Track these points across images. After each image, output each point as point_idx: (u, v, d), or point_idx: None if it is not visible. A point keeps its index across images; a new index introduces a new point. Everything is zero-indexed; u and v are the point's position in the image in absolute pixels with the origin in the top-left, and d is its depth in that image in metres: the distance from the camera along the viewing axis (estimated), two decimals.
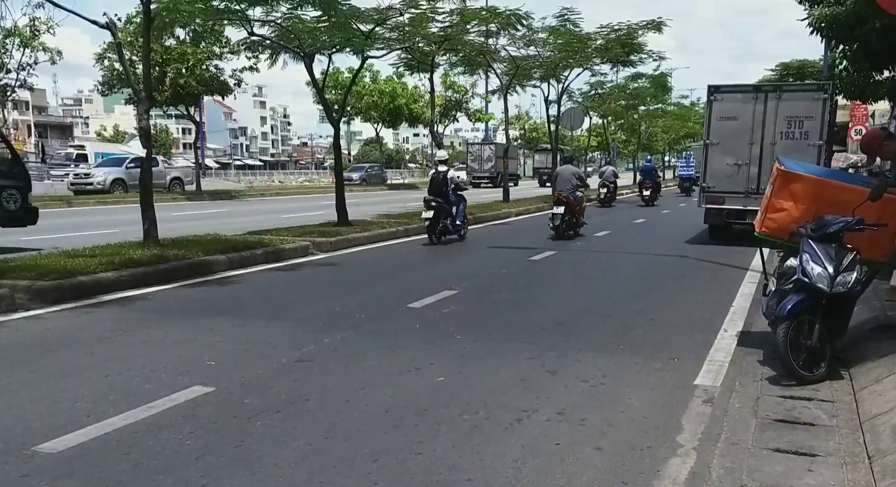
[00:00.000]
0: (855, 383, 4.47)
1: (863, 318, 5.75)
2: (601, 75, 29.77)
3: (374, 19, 14.69)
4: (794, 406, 4.16)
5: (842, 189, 5.15)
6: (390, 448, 3.62)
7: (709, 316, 6.79)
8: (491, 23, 17.77)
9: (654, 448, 3.66)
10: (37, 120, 72.04)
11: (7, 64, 22.13)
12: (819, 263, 4.60)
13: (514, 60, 21.70)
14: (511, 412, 4.16)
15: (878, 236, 4.87)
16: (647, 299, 7.77)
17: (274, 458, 3.50)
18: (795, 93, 12.90)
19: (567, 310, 7.14)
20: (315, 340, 5.78)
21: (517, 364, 5.15)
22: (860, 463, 3.35)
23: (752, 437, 3.69)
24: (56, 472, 3.31)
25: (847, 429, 3.79)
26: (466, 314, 6.87)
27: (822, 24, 11.34)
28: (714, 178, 12.96)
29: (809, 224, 4.87)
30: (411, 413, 4.12)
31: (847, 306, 4.86)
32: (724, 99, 12.87)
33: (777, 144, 12.28)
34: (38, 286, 7.09)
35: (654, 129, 49.04)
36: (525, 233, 15.02)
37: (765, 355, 5.24)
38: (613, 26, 21.98)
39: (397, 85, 42.41)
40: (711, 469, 3.34)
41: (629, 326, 6.41)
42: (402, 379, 4.80)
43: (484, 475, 3.34)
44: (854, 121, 23.05)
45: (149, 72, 10.70)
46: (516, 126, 62.83)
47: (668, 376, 4.92)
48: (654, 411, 4.22)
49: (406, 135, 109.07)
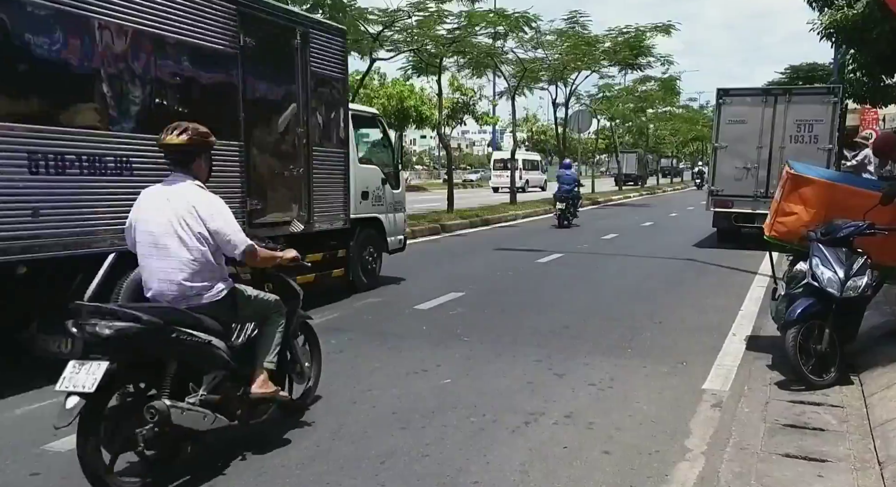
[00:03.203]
0: (865, 388, 4.43)
1: (873, 323, 5.70)
2: (609, 78, 29.77)
3: (382, 22, 14.74)
4: (804, 411, 4.14)
5: (852, 193, 5.11)
6: (397, 450, 3.62)
7: (717, 320, 6.76)
8: (499, 25, 17.78)
9: (662, 453, 3.64)
10: None
11: None
12: (829, 267, 4.57)
13: (522, 63, 21.70)
14: (518, 414, 4.15)
15: (889, 240, 4.83)
16: (655, 302, 7.74)
17: (281, 459, 3.50)
18: (805, 96, 12.83)
19: (575, 313, 7.12)
20: (322, 341, 5.77)
21: (524, 367, 5.14)
22: (871, 469, 3.33)
23: (762, 442, 3.67)
24: (66, 470, 3.32)
25: (857, 435, 3.76)
26: (473, 316, 6.87)
27: (830, 31, 11.30)
28: (723, 181, 12.90)
29: (819, 228, 4.84)
30: (418, 415, 4.12)
31: (857, 310, 4.83)
32: (734, 102, 12.81)
33: (786, 147, 12.21)
34: None
35: (663, 132, 48.92)
36: (532, 235, 15.00)
37: (774, 359, 5.21)
38: (622, 29, 21.99)
39: (405, 87, 42.48)
40: (720, 474, 3.33)
41: (637, 329, 6.38)
42: (409, 381, 4.80)
43: (491, 478, 3.33)
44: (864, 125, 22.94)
45: None
46: (524, 129, 62.80)
47: (676, 380, 4.90)
48: (662, 415, 4.20)
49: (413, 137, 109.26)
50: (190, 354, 3.23)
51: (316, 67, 6.92)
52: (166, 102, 5.28)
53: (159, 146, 3.47)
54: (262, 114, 6.31)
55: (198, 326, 3.26)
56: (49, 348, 4.38)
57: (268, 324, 3.66)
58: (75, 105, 4.66)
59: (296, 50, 6.67)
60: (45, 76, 4.41)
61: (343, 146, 7.49)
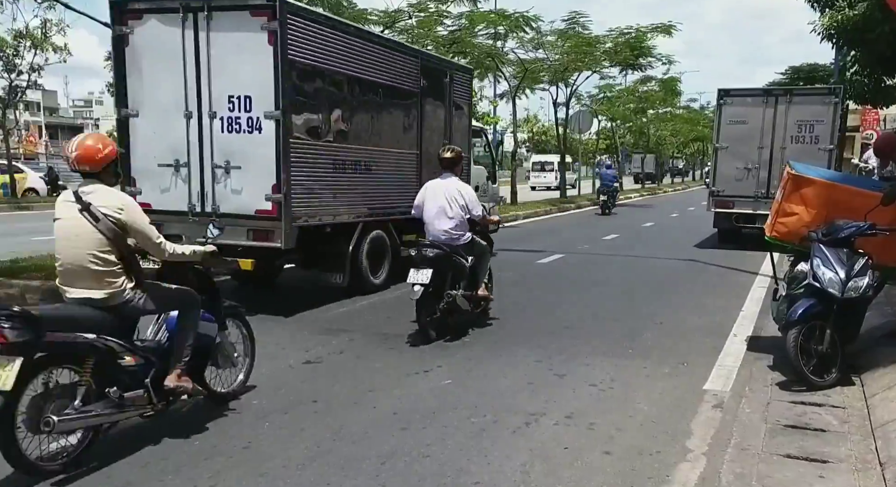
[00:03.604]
0: (866, 389, 4.43)
1: (874, 323, 5.70)
2: (610, 79, 29.75)
3: (382, 22, 14.75)
4: (805, 412, 4.13)
5: (853, 193, 5.11)
6: (398, 451, 3.61)
7: (718, 321, 6.75)
8: (499, 25, 17.79)
9: (663, 453, 3.64)
10: (48, 121, 72.52)
11: (19, 66, 22.29)
12: (830, 267, 4.57)
13: (523, 63, 21.70)
14: (519, 415, 4.14)
15: (890, 240, 4.83)
16: (655, 303, 7.74)
17: (281, 459, 3.50)
18: (806, 97, 12.83)
19: (575, 313, 7.12)
20: (322, 341, 5.79)
21: (525, 368, 5.14)
22: (872, 470, 3.32)
23: (763, 443, 3.67)
24: (65, 471, 3.32)
25: (859, 435, 3.76)
26: (474, 316, 6.85)
27: (831, 32, 11.30)
28: (724, 182, 12.90)
29: (820, 229, 4.84)
30: (419, 416, 4.11)
31: (858, 311, 4.83)
32: (735, 103, 12.81)
33: (787, 148, 12.21)
34: (50, 286, 7.12)
35: (663, 132, 48.92)
36: (533, 236, 14.99)
37: (775, 360, 5.21)
38: (622, 29, 21.97)
39: None
40: (721, 475, 3.32)
41: (638, 330, 6.38)
42: (410, 382, 4.80)
43: (492, 478, 3.33)
44: (865, 125, 22.90)
45: None
46: (525, 129, 62.75)
47: (677, 380, 4.89)
48: (663, 415, 4.20)
49: None
50: (456, 270, 5.97)
51: (455, 97, 9.64)
52: (385, 126, 8.02)
53: (439, 159, 6.28)
54: (427, 131, 8.92)
55: (458, 253, 5.99)
56: (329, 281, 7.43)
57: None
58: (351, 131, 7.42)
59: (446, 86, 9.40)
60: (339, 117, 7.24)
61: (467, 152, 9.92)
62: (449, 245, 5.92)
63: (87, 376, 3.32)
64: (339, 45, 7.07)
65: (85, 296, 3.45)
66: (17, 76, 22.49)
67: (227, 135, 6.49)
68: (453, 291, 5.92)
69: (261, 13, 6.23)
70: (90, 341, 3.33)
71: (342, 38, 7.13)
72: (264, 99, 6.30)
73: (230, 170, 6.53)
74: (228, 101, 6.43)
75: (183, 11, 6.45)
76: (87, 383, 3.32)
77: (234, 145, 6.48)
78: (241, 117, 6.42)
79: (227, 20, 6.39)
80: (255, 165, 6.41)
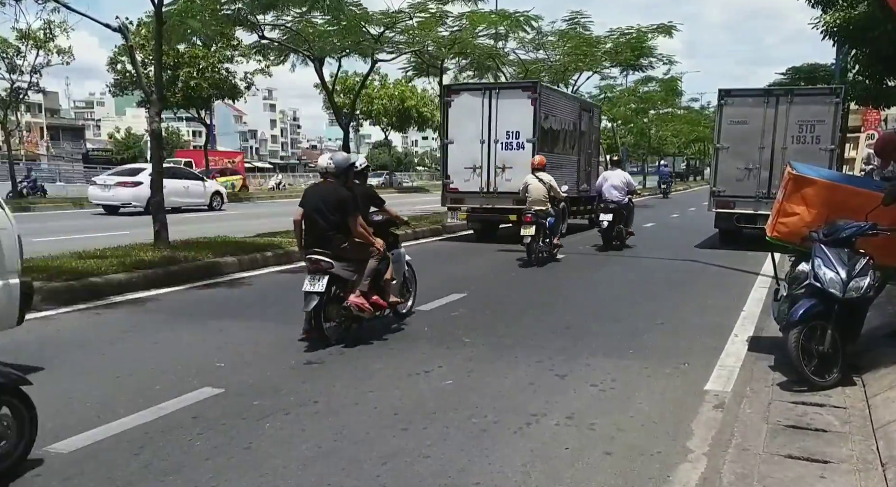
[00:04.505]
0: (868, 389, 4.43)
1: (875, 324, 5.69)
2: (610, 79, 29.75)
3: (383, 23, 14.75)
4: (806, 412, 4.13)
5: (854, 193, 5.11)
6: (399, 451, 3.62)
7: (719, 321, 6.75)
8: (500, 26, 17.78)
9: (664, 454, 3.64)
10: (49, 122, 72.58)
11: (21, 66, 22.32)
12: (831, 267, 4.56)
13: (524, 64, 21.69)
14: (520, 415, 4.15)
15: (891, 240, 4.83)
16: (656, 303, 7.73)
17: (283, 460, 3.50)
18: (807, 97, 12.82)
19: (576, 314, 7.12)
20: (323, 342, 5.79)
21: (526, 368, 5.14)
22: (873, 470, 3.32)
23: (764, 443, 3.67)
24: (67, 472, 3.33)
25: (860, 436, 3.75)
26: (475, 316, 6.86)
27: (833, 29, 11.31)
28: (724, 182, 12.90)
29: (822, 229, 4.83)
30: (420, 416, 4.12)
31: (860, 311, 4.82)
32: (735, 103, 12.81)
33: (788, 148, 12.21)
34: (51, 287, 7.13)
35: (664, 133, 48.95)
36: None
37: (776, 360, 5.20)
38: (623, 30, 21.94)
39: (406, 88, 42.48)
40: (722, 475, 3.32)
41: (639, 330, 6.38)
42: (411, 382, 4.80)
43: (493, 479, 3.33)
44: (866, 126, 22.90)
45: (160, 74, 10.76)
46: None
47: (678, 380, 4.89)
48: (664, 416, 4.20)
49: (415, 138, 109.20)
50: (625, 212, 12.63)
51: (594, 122, 17.60)
52: (566, 144, 15.28)
53: (608, 162, 13.96)
54: (582, 144, 16.36)
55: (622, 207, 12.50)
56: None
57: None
58: (558, 145, 14.71)
59: (590, 117, 17.13)
60: (557, 138, 14.76)
61: (596, 156, 18.30)
62: (618, 203, 12.30)
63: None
64: (555, 101, 14.52)
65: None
66: (18, 76, 22.54)
67: (503, 151, 13.20)
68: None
69: (528, 89, 13.34)
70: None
71: (556, 98, 14.97)
72: (526, 132, 13.10)
73: (505, 169, 13.17)
74: (506, 134, 13.16)
75: (483, 90, 13.56)
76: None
77: (507, 156, 13.17)
78: (512, 142, 13.16)
79: (508, 93, 13.37)
80: (518, 167, 12.57)
